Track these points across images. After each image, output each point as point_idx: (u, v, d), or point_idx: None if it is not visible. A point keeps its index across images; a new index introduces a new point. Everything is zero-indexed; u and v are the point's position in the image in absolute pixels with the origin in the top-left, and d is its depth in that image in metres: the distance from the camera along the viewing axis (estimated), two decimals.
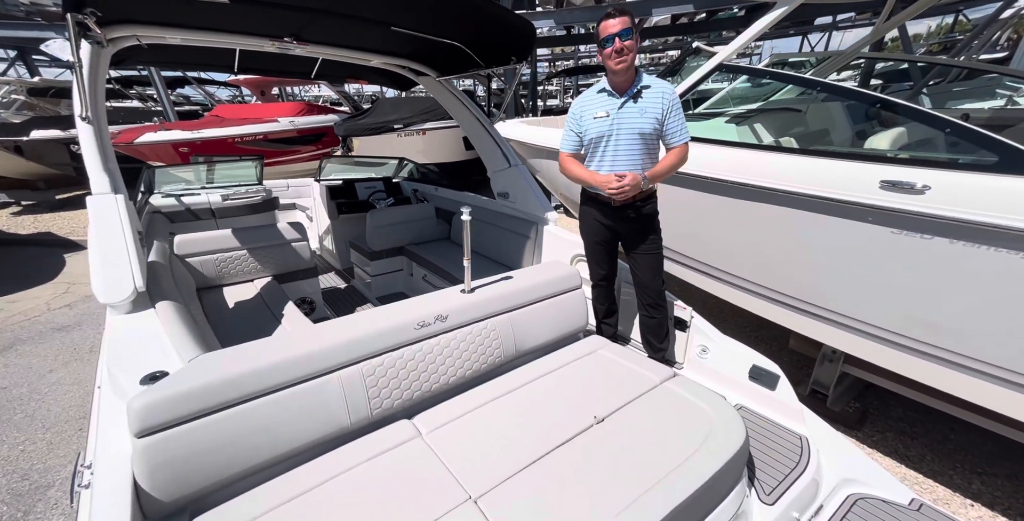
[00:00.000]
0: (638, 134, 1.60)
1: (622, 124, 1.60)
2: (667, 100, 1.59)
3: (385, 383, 1.24)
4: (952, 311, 1.46)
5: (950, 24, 12.70)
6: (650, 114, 1.59)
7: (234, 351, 1.13)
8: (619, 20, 1.51)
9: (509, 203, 2.68)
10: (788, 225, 1.88)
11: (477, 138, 2.71)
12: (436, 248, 3.13)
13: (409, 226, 3.23)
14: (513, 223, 2.66)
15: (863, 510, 1.19)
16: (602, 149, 1.66)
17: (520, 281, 1.62)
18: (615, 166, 1.65)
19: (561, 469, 1.05)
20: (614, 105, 1.62)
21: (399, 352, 1.29)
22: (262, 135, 7.62)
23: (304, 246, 2.65)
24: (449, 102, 2.69)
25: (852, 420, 1.99)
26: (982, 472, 1.72)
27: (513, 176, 2.61)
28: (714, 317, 1.77)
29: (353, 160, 5.00)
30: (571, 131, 1.73)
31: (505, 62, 2.28)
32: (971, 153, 1.48)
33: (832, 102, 2.80)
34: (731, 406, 1.27)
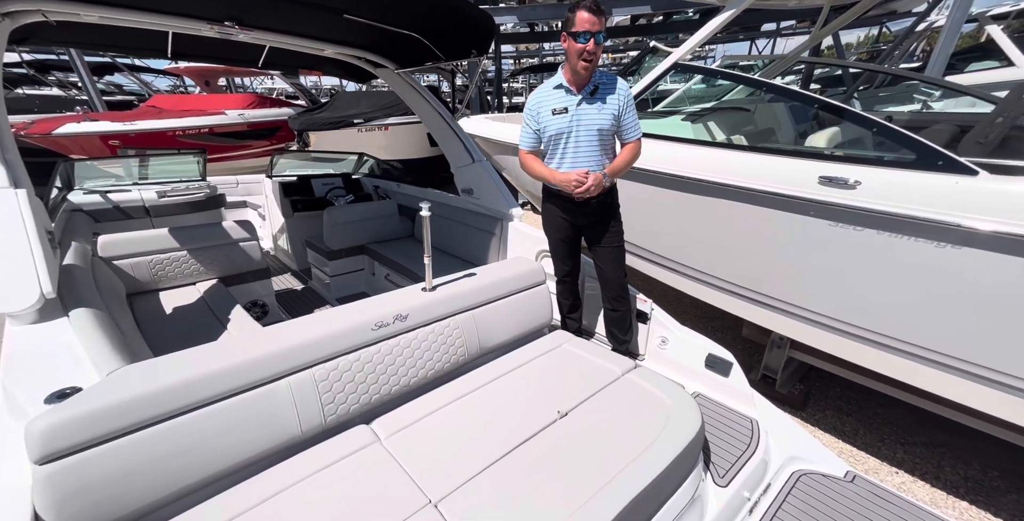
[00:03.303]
0: (597, 130, 1.60)
1: (582, 121, 1.60)
2: (623, 96, 1.60)
3: (340, 388, 1.19)
4: (881, 297, 1.59)
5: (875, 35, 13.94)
6: (608, 111, 1.60)
7: (166, 360, 1.04)
8: (599, 19, 1.49)
9: (474, 200, 2.65)
10: (738, 218, 1.97)
11: (440, 134, 2.65)
12: (399, 246, 3.04)
13: (370, 224, 3.11)
14: (478, 220, 2.63)
15: (805, 485, 1.27)
16: (562, 146, 1.65)
17: (484, 278, 1.60)
18: (576, 163, 1.64)
19: (524, 466, 1.04)
20: (572, 101, 1.61)
21: (356, 354, 1.24)
22: (207, 128, 7.05)
23: (254, 246, 2.48)
24: (410, 96, 2.61)
25: (797, 401, 2.13)
26: (904, 442, 1.90)
27: (477, 172, 2.58)
28: (673, 309, 1.84)
29: (309, 155, 4.75)
30: (529, 128, 1.71)
31: (465, 55, 2.24)
32: (894, 151, 1.61)
33: (777, 103, 2.97)
34: (688, 395, 1.31)
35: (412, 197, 3.40)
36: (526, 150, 1.74)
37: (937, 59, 4.47)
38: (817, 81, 6.83)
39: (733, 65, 6.70)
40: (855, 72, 4.59)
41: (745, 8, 2.16)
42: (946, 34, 4.46)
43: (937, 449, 1.84)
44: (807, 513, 1.18)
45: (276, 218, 3.80)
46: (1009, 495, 1.63)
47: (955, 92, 3.04)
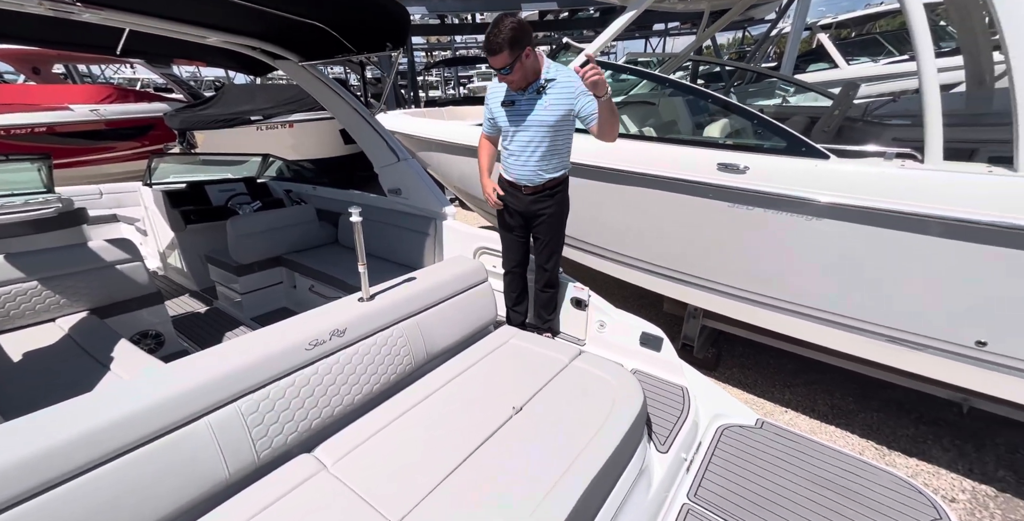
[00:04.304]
0: (543, 126, 1.63)
1: (525, 116, 1.64)
2: (572, 91, 1.61)
3: (274, 418, 1.08)
4: (769, 266, 1.85)
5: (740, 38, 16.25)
6: (555, 106, 1.61)
7: (22, 424, 0.83)
8: (495, 59, 1.50)
9: (402, 199, 2.50)
10: (652, 204, 2.13)
11: (358, 131, 2.45)
12: (322, 254, 2.76)
13: (285, 232, 2.77)
14: (409, 220, 2.49)
15: (727, 437, 1.43)
16: (510, 137, 1.70)
17: (424, 281, 1.54)
18: (520, 154, 1.70)
19: (486, 467, 1.03)
20: (519, 96, 1.65)
21: (289, 379, 1.12)
22: (46, 127, 5.56)
23: (137, 267, 2.05)
24: (319, 91, 2.34)
25: (711, 363, 2.42)
26: (789, 384, 2.29)
27: (403, 171, 2.43)
28: (604, 293, 1.92)
29: (198, 159, 4.11)
30: (486, 115, 1.78)
31: (380, 48, 2.05)
32: (770, 140, 1.86)
33: (676, 97, 3.27)
34: (629, 373, 1.38)
35: (332, 200, 3.11)
36: (484, 134, 1.86)
37: (787, 61, 5.34)
38: (701, 78, 7.73)
39: (634, 61, 7.23)
40: (730, 70, 5.28)
41: (644, 8, 2.29)
42: (791, 40, 5.35)
43: (812, 387, 2.25)
44: (731, 462, 1.33)
45: (163, 233, 3.20)
46: (860, 414, 2.06)
47: (804, 88, 3.66)
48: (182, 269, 3.14)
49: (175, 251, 3.15)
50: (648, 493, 1.19)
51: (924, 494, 1.18)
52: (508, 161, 1.76)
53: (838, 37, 6.55)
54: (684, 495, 1.23)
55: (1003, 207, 1.29)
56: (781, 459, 1.32)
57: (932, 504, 1.15)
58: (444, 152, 3.26)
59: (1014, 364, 1.40)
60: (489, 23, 1.55)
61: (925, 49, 1.45)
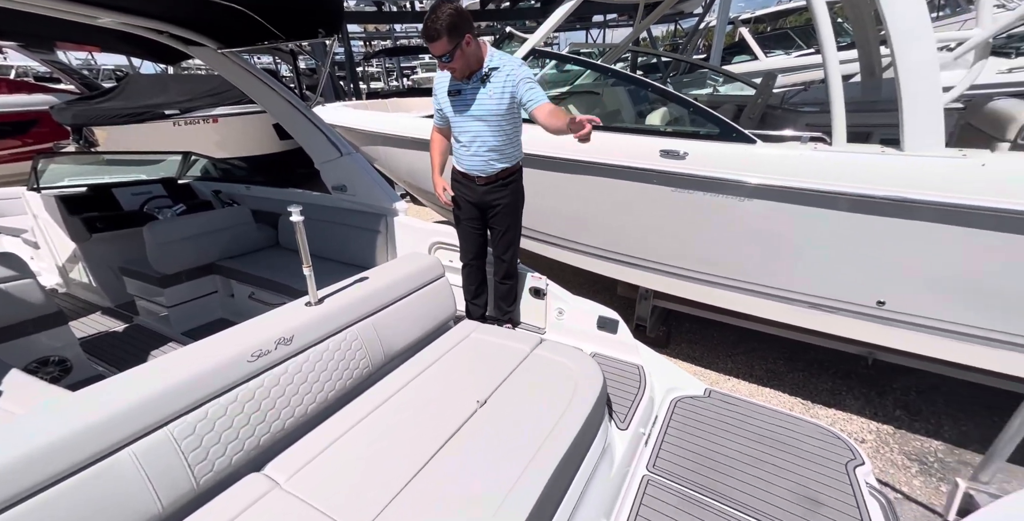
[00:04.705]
0: (490, 115, 1.61)
1: (471, 105, 1.61)
2: (514, 78, 1.58)
3: (214, 439, 0.99)
4: (710, 246, 1.97)
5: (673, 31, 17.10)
6: (498, 96, 1.58)
7: None
8: (434, 46, 1.44)
9: (348, 196, 2.36)
10: (601, 191, 2.18)
11: (294, 125, 2.27)
12: (262, 258, 2.55)
13: (217, 236, 2.53)
14: (357, 218, 2.37)
15: (680, 409, 1.53)
16: (459, 128, 1.68)
17: (378, 280, 1.49)
18: (471, 145, 1.67)
19: (452, 465, 1.02)
20: (464, 86, 1.61)
21: (231, 394, 1.04)
22: None
23: (28, 286, 1.80)
24: (245, 82, 2.12)
25: (662, 341, 2.57)
26: (731, 354, 2.50)
27: (347, 166, 2.29)
28: (562, 281, 1.95)
29: (101, 158, 3.65)
30: (435, 106, 1.74)
31: (312, 35, 1.87)
32: (705, 127, 1.97)
33: (619, 87, 3.36)
34: (588, 356, 1.42)
35: (269, 200, 2.87)
36: (435, 126, 1.82)
37: (715, 53, 5.69)
38: (640, 69, 8.05)
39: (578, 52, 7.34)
40: (666, 61, 5.54)
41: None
42: (717, 33, 5.71)
43: (750, 355, 2.48)
44: (684, 431, 1.43)
45: (60, 244, 2.80)
46: (789, 375, 2.30)
47: (731, 78, 3.93)
48: (90, 284, 2.76)
49: (78, 264, 2.74)
50: (611, 470, 1.24)
51: (841, 438, 1.35)
52: (459, 152, 1.72)
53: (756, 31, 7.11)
54: (644, 467, 1.29)
55: (894, 183, 1.48)
56: (727, 423, 1.44)
57: (847, 446, 1.32)
58: (391, 146, 3.10)
59: (907, 319, 1.62)
60: None
61: (828, 43, 1.60)
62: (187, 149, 3.61)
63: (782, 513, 1.12)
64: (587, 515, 1.07)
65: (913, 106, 1.45)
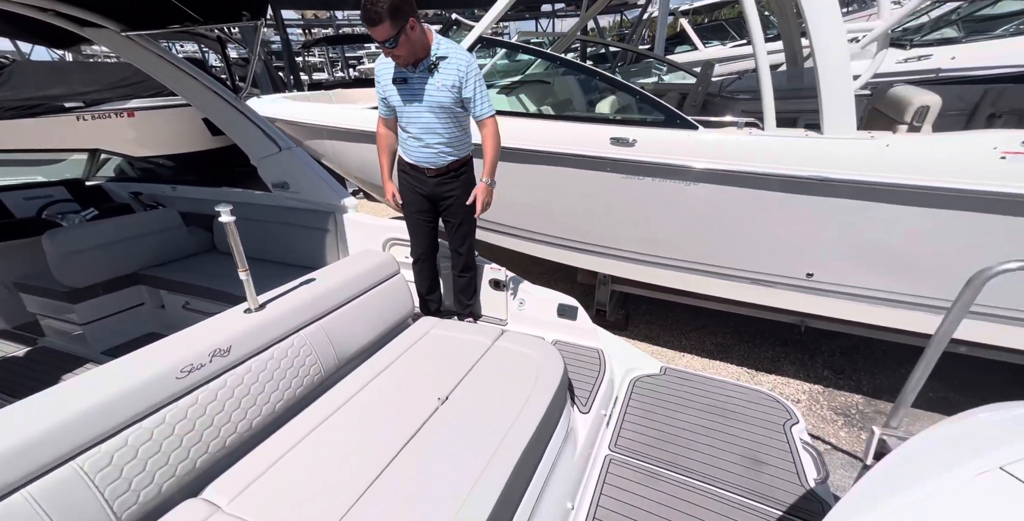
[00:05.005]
0: (438, 106, 1.54)
1: (419, 95, 1.53)
2: (463, 71, 1.52)
3: (138, 467, 0.90)
4: (661, 229, 2.05)
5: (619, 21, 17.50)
6: (447, 87, 1.52)
7: None
8: (376, 31, 1.35)
9: (291, 194, 2.21)
10: (556, 180, 2.19)
11: (223, 119, 2.09)
12: (197, 264, 2.34)
13: (139, 243, 2.28)
14: (303, 217, 2.23)
15: (639, 388, 1.60)
16: (406, 118, 1.61)
17: (327, 281, 1.41)
18: (421, 137, 1.60)
19: (410, 470, 0.99)
20: (411, 75, 1.52)
21: (157, 416, 0.95)
22: None
23: None
24: (160, 71, 1.90)
25: (621, 324, 2.67)
26: (684, 332, 2.65)
27: (288, 161, 2.14)
28: (522, 271, 1.95)
29: None
30: (379, 95, 1.64)
31: (234, 18, 1.72)
32: (652, 114, 2.03)
33: (569, 76, 3.38)
34: (550, 344, 1.44)
35: (202, 201, 2.63)
36: (380, 118, 1.72)
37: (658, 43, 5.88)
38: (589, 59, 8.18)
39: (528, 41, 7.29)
40: (614, 51, 5.65)
41: None
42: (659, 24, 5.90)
43: (701, 331, 2.64)
44: (643, 409, 1.49)
45: None
46: (736, 347, 2.49)
47: (675, 68, 4.08)
48: None
49: None
50: (575, 453, 1.27)
51: (779, 401, 1.48)
52: (408, 143, 1.64)
53: (695, 23, 7.43)
54: (606, 448, 1.34)
55: (816, 164, 1.61)
56: (682, 398, 1.52)
57: (784, 408, 1.45)
58: (339, 140, 2.92)
59: (833, 288, 1.79)
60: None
61: (757, 35, 1.70)
62: (96, 146, 3.19)
63: (732, 476, 1.21)
64: (553, 499, 1.09)
65: (829, 93, 1.58)
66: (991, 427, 0.63)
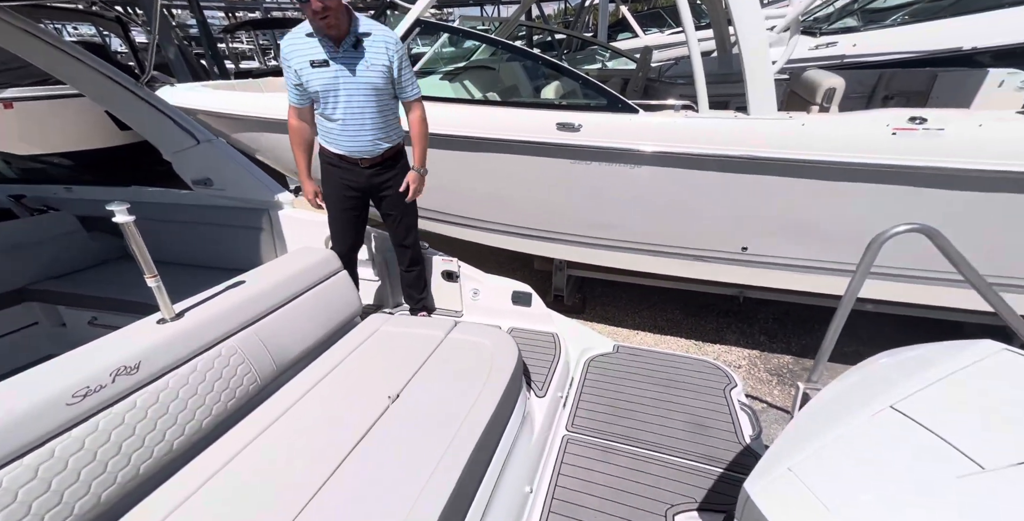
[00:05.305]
0: (371, 88, 1.43)
1: (349, 77, 1.40)
2: (392, 50, 1.43)
3: (20, 511, 0.79)
4: (610, 213, 2.10)
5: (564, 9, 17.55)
6: (377, 66, 1.41)
7: None
8: None
9: (216, 191, 2.03)
10: (505, 168, 2.16)
11: (125, 110, 1.87)
12: (104, 274, 2.10)
13: (24, 253, 2.01)
14: (233, 215, 2.05)
15: (593, 367, 1.64)
16: (332, 104, 1.44)
17: (259, 283, 1.32)
18: (351, 123, 1.47)
19: (363, 468, 0.95)
20: (333, 54, 1.38)
21: (43, 451, 0.83)
22: None
23: None
24: (36, 53, 1.62)
25: (579, 307, 2.74)
26: (638, 311, 2.77)
27: (208, 155, 1.95)
28: (479, 261, 1.93)
29: None
30: (290, 82, 1.44)
31: None
32: (595, 99, 2.05)
33: (514, 62, 3.33)
34: (505, 332, 1.43)
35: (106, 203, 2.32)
36: (294, 106, 1.54)
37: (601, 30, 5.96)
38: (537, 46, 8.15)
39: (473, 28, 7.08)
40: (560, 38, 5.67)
41: None
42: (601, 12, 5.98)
43: (653, 309, 2.78)
44: (597, 388, 1.54)
45: None
46: (684, 322, 2.65)
47: (617, 54, 4.16)
48: None
49: None
50: (532, 438, 1.29)
51: (720, 368, 1.59)
52: (334, 133, 1.51)
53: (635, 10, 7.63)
54: (564, 429, 1.37)
55: (745, 143, 1.71)
56: (634, 373, 1.59)
57: (725, 374, 1.56)
58: (273, 132, 2.67)
59: (765, 260, 1.94)
60: None
61: (688, 23, 1.77)
62: None
63: (679, 442, 1.28)
64: (511, 485, 1.10)
65: (752, 77, 1.68)
66: (885, 371, 0.71)
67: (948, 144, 1.44)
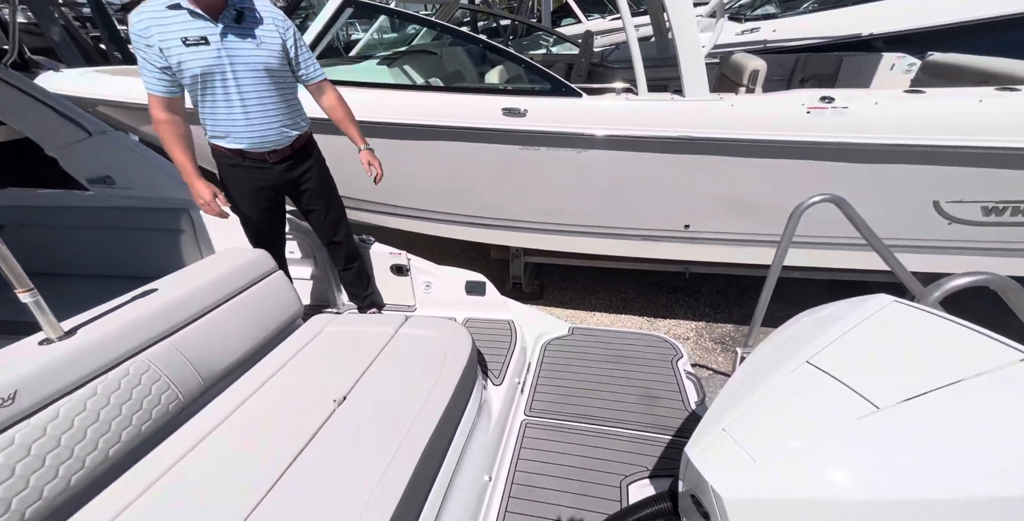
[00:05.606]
0: (265, 70, 1.24)
1: (237, 57, 1.20)
2: (283, 27, 1.28)
3: None
4: (562, 198, 2.11)
5: None
6: (269, 45, 1.24)
7: None
8: None
9: (119, 191, 1.80)
10: (454, 156, 2.10)
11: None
12: None
13: None
14: (145, 218, 1.84)
15: (549, 351, 1.67)
16: (220, 91, 1.22)
17: (175, 290, 1.19)
18: (251, 111, 1.27)
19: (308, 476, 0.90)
20: (212, 30, 1.17)
21: None
22: None
23: None
24: None
25: (537, 293, 2.77)
26: (592, 293, 2.85)
27: (104, 150, 1.73)
28: (433, 253, 1.87)
29: None
30: (151, 65, 1.17)
31: None
32: (540, 83, 2.03)
33: (457, 46, 3.21)
34: (459, 324, 1.40)
35: None
36: (160, 96, 1.24)
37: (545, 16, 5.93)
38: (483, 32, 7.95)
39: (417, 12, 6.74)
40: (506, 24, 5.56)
41: None
42: None
43: (608, 290, 2.87)
44: (554, 370, 1.56)
45: None
46: (637, 300, 2.76)
47: (562, 39, 4.16)
48: None
49: None
50: (490, 426, 1.28)
51: (668, 341, 1.67)
52: (232, 125, 1.29)
53: None
54: (522, 413, 1.38)
55: (682, 124, 1.78)
56: (588, 353, 1.63)
57: (672, 346, 1.64)
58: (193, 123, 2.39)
59: (707, 236, 2.05)
60: None
61: (625, 9, 1.79)
62: None
63: (632, 415, 1.34)
64: (468, 476, 1.09)
65: (686, 60, 1.74)
66: (803, 329, 0.77)
67: (851, 121, 1.59)
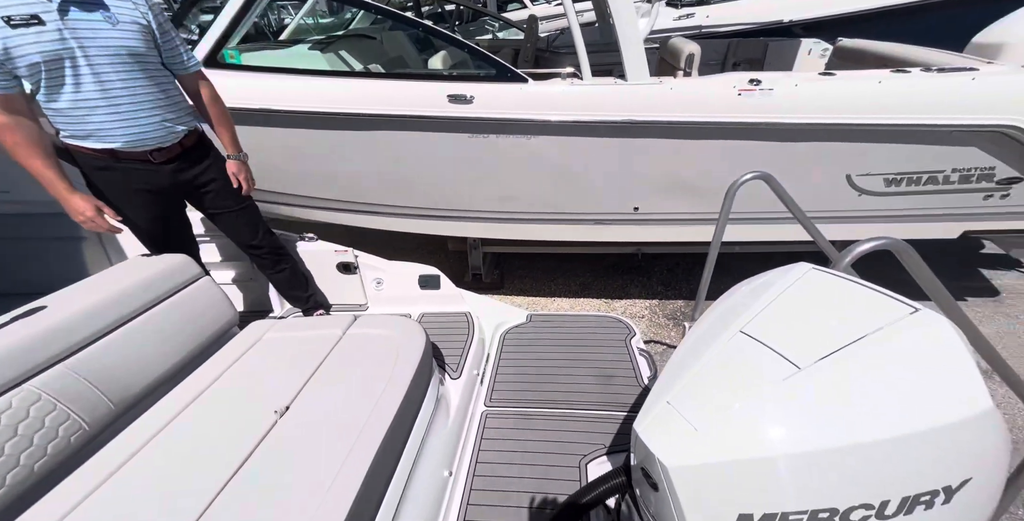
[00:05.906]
0: (128, 53, 1.06)
1: (88, 39, 1.01)
2: (142, 4, 1.09)
3: None
4: (514, 185, 2.10)
5: None
6: (128, 24, 1.06)
7: None
8: None
9: (15, 197, 1.61)
10: (398, 146, 2.00)
11: None
12: None
13: None
14: (35, 225, 1.65)
15: (508, 340, 1.66)
16: (70, 81, 1.02)
17: (70, 306, 1.06)
18: (114, 106, 1.08)
19: (248, 493, 0.84)
20: (45, 7, 0.96)
21: None
22: None
23: None
24: None
25: (497, 283, 2.76)
26: (551, 280, 2.89)
27: None
28: (388, 248, 1.79)
29: None
30: None
31: None
32: (485, 69, 1.98)
33: (398, 31, 3.05)
34: (412, 320, 1.35)
35: None
36: None
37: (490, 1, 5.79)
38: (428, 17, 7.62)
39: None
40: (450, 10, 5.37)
41: None
42: None
43: (566, 275, 2.92)
44: (512, 359, 1.56)
45: None
46: (594, 284, 2.84)
47: (508, 25, 4.09)
48: None
49: None
50: (448, 420, 1.26)
51: (622, 321, 1.72)
52: (90, 121, 1.10)
53: None
54: (482, 405, 1.37)
55: (625, 108, 1.82)
56: (546, 339, 1.64)
57: (625, 325, 1.69)
58: None
59: (656, 217, 2.13)
60: None
61: None
62: None
63: (590, 396, 1.37)
64: (427, 472, 1.07)
65: (626, 45, 1.76)
66: (739, 299, 0.82)
67: (776, 102, 1.71)
